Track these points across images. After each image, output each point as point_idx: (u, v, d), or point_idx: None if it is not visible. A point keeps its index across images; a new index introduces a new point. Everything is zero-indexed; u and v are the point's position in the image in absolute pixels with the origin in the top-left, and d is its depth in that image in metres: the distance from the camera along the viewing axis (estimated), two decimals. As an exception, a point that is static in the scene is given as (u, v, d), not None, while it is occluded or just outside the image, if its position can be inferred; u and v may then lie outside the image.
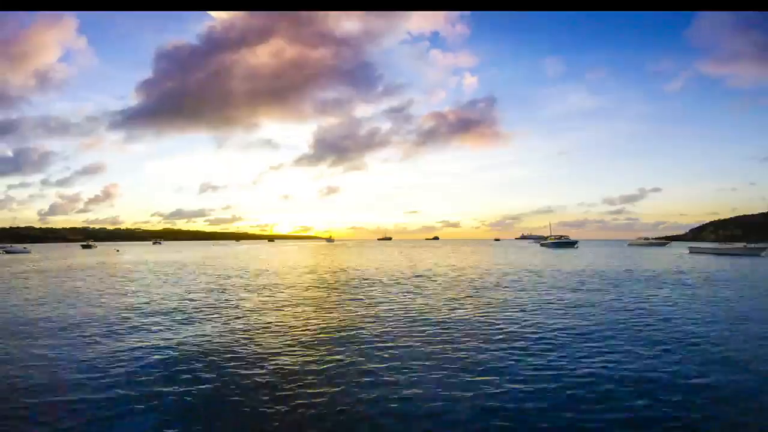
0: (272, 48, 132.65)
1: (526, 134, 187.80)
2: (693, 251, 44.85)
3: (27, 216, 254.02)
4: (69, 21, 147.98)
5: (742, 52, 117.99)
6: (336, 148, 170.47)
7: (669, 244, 78.17)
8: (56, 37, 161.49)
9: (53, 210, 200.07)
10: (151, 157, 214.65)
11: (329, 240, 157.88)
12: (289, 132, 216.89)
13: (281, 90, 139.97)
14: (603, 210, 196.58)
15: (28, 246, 75.50)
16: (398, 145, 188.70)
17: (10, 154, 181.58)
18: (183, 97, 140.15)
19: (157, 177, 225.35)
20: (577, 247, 64.93)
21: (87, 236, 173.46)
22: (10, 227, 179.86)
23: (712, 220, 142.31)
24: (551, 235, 74.33)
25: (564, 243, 65.84)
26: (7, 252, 57.75)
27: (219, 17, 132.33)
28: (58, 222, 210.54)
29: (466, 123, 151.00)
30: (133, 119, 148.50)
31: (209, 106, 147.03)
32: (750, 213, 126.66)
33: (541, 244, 73.42)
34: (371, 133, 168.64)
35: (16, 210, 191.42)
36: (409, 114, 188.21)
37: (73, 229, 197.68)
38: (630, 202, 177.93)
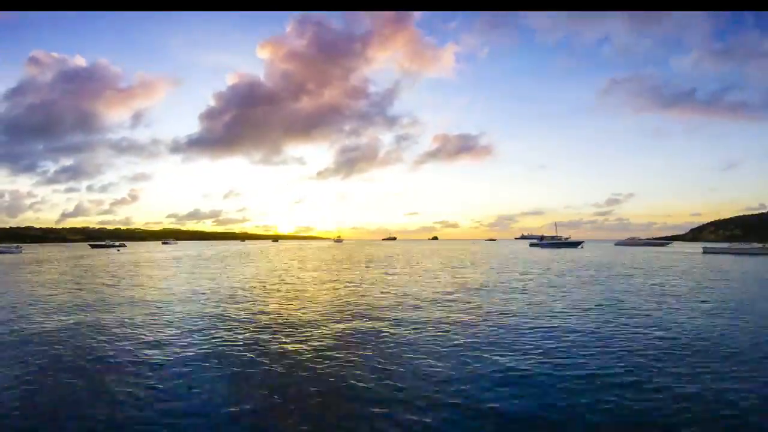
0: (321, 96, 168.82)
1: (516, 145, 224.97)
2: (707, 251, 43.77)
3: (48, 217, 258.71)
4: (182, 79, 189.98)
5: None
6: (351, 163, 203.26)
7: (671, 244, 76.46)
8: (166, 87, 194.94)
9: (76, 211, 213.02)
10: (189, 169, 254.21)
11: (337, 240, 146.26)
12: (315, 151, 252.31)
13: (317, 125, 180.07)
14: (589, 212, 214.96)
15: (22, 246, 72.32)
16: (405, 162, 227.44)
17: (70, 163, 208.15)
18: (237, 127, 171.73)
19: (189, 184, 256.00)
20: (582, 246, 64.89)
21: (87, 237, 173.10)
22: (10, 227, 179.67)
23: (696, 221, 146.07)
24: (552, 236, 73.21)
25: (568, 243, 65.90)
26: None
27: (282, 61, 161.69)
28: (76, 222, 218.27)
29: (465, 145, 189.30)
30: (193, 145, 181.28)
31: (256, 135, 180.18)
32: (735, 215, 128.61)
33: (531, 245, 73.48)
34: (385, 153, 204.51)
35: (40, 211, 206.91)
36: (418, 140, 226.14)
37: (72, 230, 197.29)
38: (612, 205, 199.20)
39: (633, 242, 76.13)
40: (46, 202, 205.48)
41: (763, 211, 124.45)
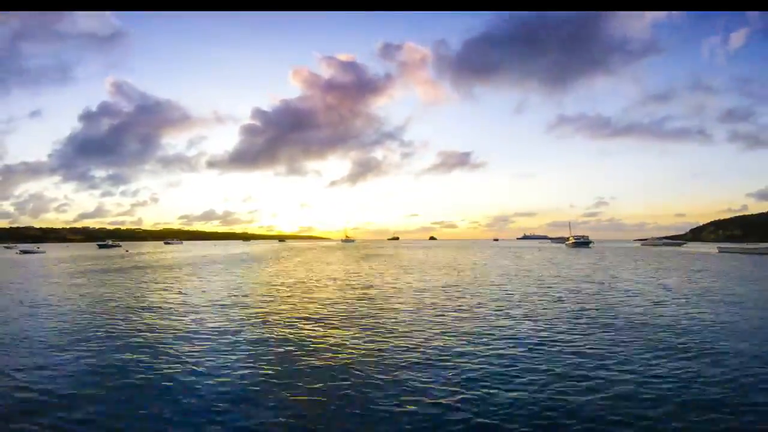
0: (346, 125, 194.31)
1: (505, 158, 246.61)
2: (722, 251, 45.38)
3: (64, 218, 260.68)
4: (239, 117, 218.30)
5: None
6: (360, 175, 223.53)
7: (686, 244, 77.32)
8: (226, 121, 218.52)
9: (95, 213, 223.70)
10: (219, 178, 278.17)
11: (346, 240, 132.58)
12: (331, 165, 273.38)
13: (337, 147, 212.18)
14: (578, 213, 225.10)
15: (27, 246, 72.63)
16: (409, 173, 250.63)
17: (111, 172, 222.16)
18: (268, 146, 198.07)
19: (211, 190, 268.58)
20: (591, 246, 65.96)
21: (86, 237, 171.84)
22: (10, 227, 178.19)
23: (681, 221, 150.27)
24: (578, 236, 72.01)
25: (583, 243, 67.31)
26: (24, 252, 55.23)
27: (316, 92, 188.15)
28: (92, 223, 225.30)
29: (463, 159, 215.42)
30: (231, 160, 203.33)
31: (283, 153, 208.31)
32: (720, 217, 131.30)
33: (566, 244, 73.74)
34: (394, 167, 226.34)
35: (65, 212, 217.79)
36: (423, 156, 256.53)
37: (72, 229, 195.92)
38: (601, 207, 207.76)
39: (652, 242, 77.31)
40: (74, 203, 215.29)
41: (761, 212, 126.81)
